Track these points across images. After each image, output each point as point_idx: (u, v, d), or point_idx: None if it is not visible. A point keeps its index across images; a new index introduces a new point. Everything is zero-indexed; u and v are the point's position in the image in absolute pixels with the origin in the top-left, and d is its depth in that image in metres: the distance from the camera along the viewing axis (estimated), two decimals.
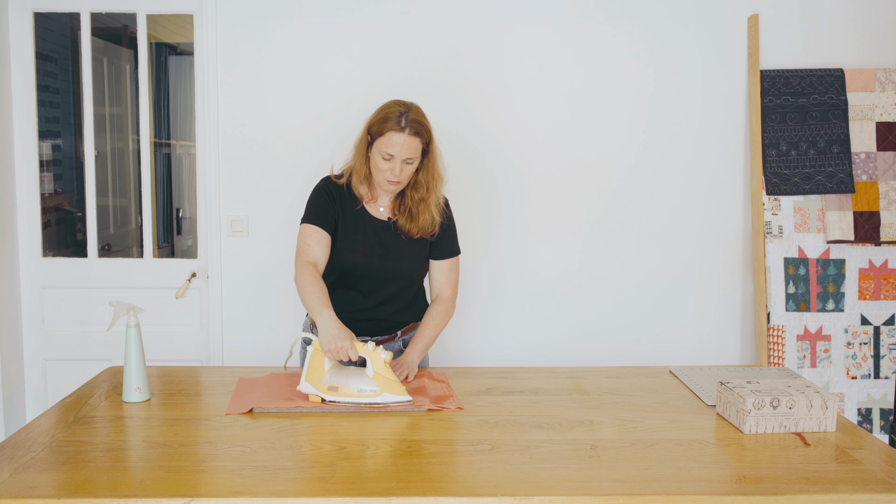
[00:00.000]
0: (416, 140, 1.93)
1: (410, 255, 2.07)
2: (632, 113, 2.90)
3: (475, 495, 1.34)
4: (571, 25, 2.86)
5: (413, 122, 1.93)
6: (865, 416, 2.88)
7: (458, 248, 2.16)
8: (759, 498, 1.34)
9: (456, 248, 2.15)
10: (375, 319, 2.10)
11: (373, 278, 2.05)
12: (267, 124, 2.86)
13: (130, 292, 2.97)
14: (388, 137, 1.92)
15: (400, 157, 1.93)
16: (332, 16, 2.82)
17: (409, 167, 1.97)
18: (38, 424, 1.67)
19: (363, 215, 2.06)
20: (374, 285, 2.06)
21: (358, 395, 1.78)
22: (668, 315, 2.98)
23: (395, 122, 1.92)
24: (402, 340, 2.16)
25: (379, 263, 2.04)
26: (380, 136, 1.94)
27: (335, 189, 2.06)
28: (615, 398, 1.90)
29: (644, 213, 2.94)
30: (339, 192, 2.05)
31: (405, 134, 1.92)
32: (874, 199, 2.85)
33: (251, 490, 1.34)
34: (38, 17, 2.95)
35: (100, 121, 3.58)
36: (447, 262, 2.13)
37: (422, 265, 2.11)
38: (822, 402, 1.66)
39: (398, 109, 1.94)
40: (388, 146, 1.92)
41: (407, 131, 1.92)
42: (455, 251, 2.15)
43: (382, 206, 2.08)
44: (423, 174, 2.02)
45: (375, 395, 1.77)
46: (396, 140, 1.91)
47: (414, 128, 1.93)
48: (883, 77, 2.87)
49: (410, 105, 1.97)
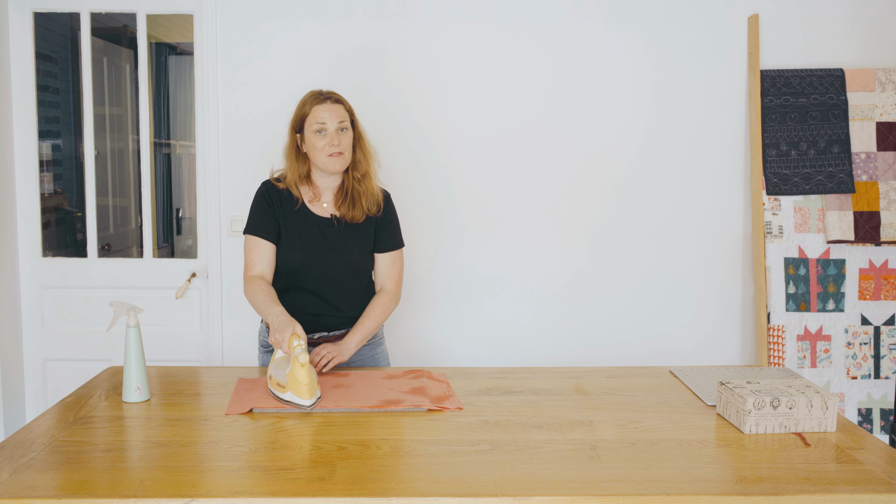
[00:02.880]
0: (339, 106, 2.04)
1: (355, 249, 2.11)
2: (632, 113, 2.90)
3: (475, 495, 1.34)
4: (571, 25, 2.86)
5: (331, 94, 2.06)
6: (866, 416, 2.88)
7: (402, 241, 2.22)
8: (759, 498, 1.34)
9: (399, 241, 2.21)
10: (330, 315, 2.13)
11: (320, 276, 2.09)
12: (267, 123, 2.85)
13: (130, 292, 2.97)
14: (315, 112, 2.01)
15: (332, 125, 2.01)
16: (332, 16, 2.82)
17: (346, 135, 2.04)
18: (38, 424, 1.67)
19: (306, 215, 2.09)
20: (323, 283, 2.09)
21: (276, 387, 1.81)
22: (669, 315, 2.98)
23: (315, 97, 2.04)
24: None
25: (325, 260, 2.07)
26: (305, 118, 2.04)
27: (275, 193, 2.10)
28: (615, 398, 1.89)
29: (644, 213, 2.94)
30: (279, 195, 2.10)
31: (328, 103, 2.02)
32: (874, 199, 2.85)
33: (251, 490, 1.34)
34: (38, 17, 2.96)
35: (100, 121, 3.59)
36: (390, 255, 2.18)
37: (367, 258, 2.15)
38: (823, 403, 1.66)
39: (313, 92, 2.07)
40: (317, 117, 2.01)
41: (329, 101, 2.03)
42: (398, 244, 2.20)
43: (326, 202, 2.12)
44: (359, 151, 2.10)
45: (283, 392, 1.79)
46: (323, 109, 2.01)
47: (333, 97, 2.05)
48: (883, 77, 2.87)
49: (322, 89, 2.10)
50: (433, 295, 2.96)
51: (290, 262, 2.08)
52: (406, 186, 2.87)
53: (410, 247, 2.91)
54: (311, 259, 2.07)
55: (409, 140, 2.88)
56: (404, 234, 2.28)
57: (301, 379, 1.75)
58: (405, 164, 2.88)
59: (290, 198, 2.09)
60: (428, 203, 2.92)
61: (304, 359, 1.74)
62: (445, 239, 2.94)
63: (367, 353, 2.20)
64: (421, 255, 2.93)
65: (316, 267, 2.07)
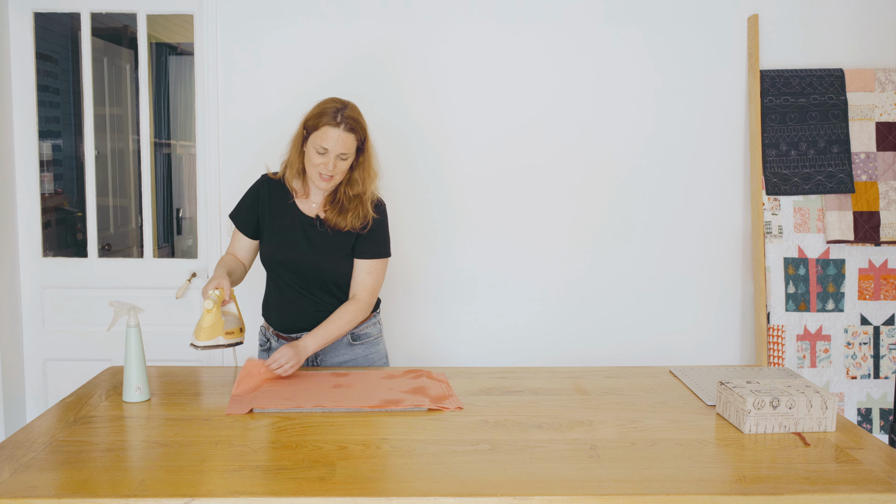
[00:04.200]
0: (350, 136, 1.97)
1: (332, 251, 2.09)
2: (632, 114, 2.90)
3: (475, 495, 1.34)
4: (572, 26, 2.86)
5: (348, 119, 1.97)
6: (865, 416, 2.88)
7: (386, 251, 2.15)
8: (759, 498, 1.34)
9: (381, 251, 2.13)
10: (322, 312, 2.11)
11: (297, 272, 2.10)
12: (267, 124, 2.86)
13: (130, 292, 2.97)
14: (324, 132, 1.96)
15: (334, 153, 1.97)
16: (332, 16, 2.82)
17: (343, 163, 2.01)
18: (39, 424, 1.67)
19: (293, 210, 2.11)
20: (303, 280, 2.11)
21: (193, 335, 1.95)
22: (668, 315, 2.98)
23: (331, 117, 1.96)
24: (352, 334, 2.18)
25: (300, 256, 2.08)
26: (315, 130, 1.98)
27: (265, 186, 2.14)
28: (615, 398, 1.90)
29: (645, 213, 2.94)
30: (270, 188, 2.13)
31: (340, 129, 1.96)
32: (874, 199, 2.85)
33: (251, 490, 1.35)
34: (39, 17, 2.96)
35: (100, 121, 3.59)
36: (367, 263, 2.11)
37: (343, 261, 2.11)
38: (822, 402, 1.66)
39: (335, 106, 1.99)
40: (323, 140, 1.96)
41: (342, 127, 1.96)
42: (379, 253, 2.12)
43: (315, 203, 2.12)
44: (359, 171, 2.06)
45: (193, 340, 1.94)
46: (331, 135, 1.95)
47: (349, 124, 1.97)
48: (883, 77, 2.87)
49: (347, 103, 2.02)
50: (434, 295, 2.96)
51: (267, 254, 2.12)
52: (407, 187, 2.87)
53: (412, 247, 2.91)
54: (287, 253, 2.09)
55: (408, 141, 2.88)
56: (406, 234, 2.28)
57: (203, 323, 1.90)
58: (405, 166, 2.88)
59: (284, 190, 2.12)
60: (428, 204, 2.92)
61: (209, 304, 1.89)
62: (446, 239, 2.94)
63: (360, 352, 2.20)
64: (422, 255, 2.93)
65: (294, 262, 2.09)
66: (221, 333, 1.92)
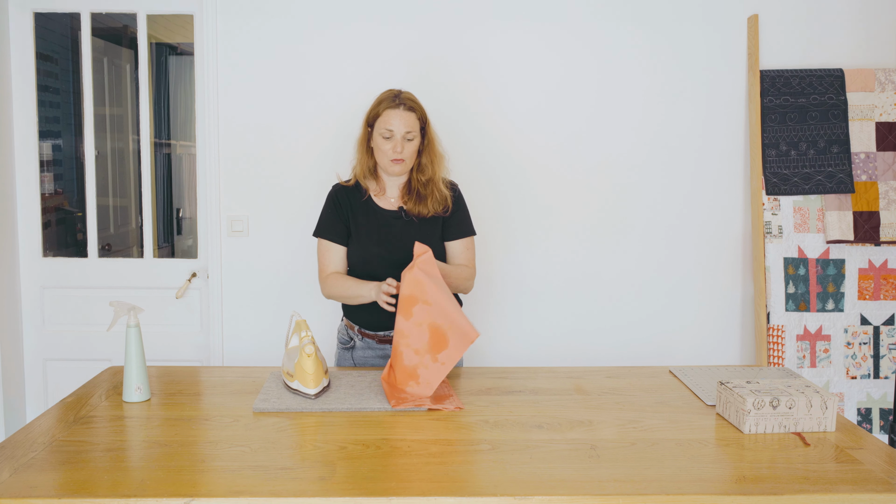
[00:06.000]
0: (411, 115, 2.07)
1: (425, 236, 2.12)
2: (633, 115, 2.90)
3: (475, 495, 1.34)
4: (574, 26, 2.86)
5: (406, 100, 2.09)
6: (865, 416, 2.88)
7: (472, 229, 2.23)
8: (759, 498, 1.34)
9: (469, 228, 2.22)
10: None
11: (390, 266, 2.10)
12: (267, 124, 2.86)
13: (130, 292, 2.97)
14: (386, 116, 2.06)
15: (399, 133, 2.05)
16: (332, 16, 2.83)
17: (411, 144, 2.08)
18: (39, 424, 1.67)
19: (373, 208, 2.15)
20: (394, 273, 2.09)
21: (286, 376, 1.89)
22: (668, 315, 2.98)
23: (390, 101, 2.08)
24: None
25: (395, 252, 2.10)
26: (377, 118, 2.08)
27: (342, 193, 2.17)
28: (615, 398, 1.90)
29: (645, 212, 2.94)
30: (347, 193, 2.17)
31: (400, 110, 2.06)
32: (874, 199, 2.85)
33: (251, 490, 1.35)
34: (39, 17, 2.96)
35: (100, 121, 3.59)
36: (462, 242, 2.20)
37: (437, 246, 2.15)
38: (822, 402, 1.66)
39: (391, 93, 2.11)
40: (387, 122, 2.05)
41: (402, 107, 2.06)
42: (468, 231, 2.21)
43: (392, 197, 2.17)
44: (426, 155, 2.15)
45: (291, 381, 1.86)
46: (394, 116, 2.05)
47: (408, 104, 2.08)
48: (883, 77, 2.87)
49: (402, 90, 2.13)
50: None
51: (361, 255, 2.13)
52: None
53: None
54: (381, 251, 2.11)
55: None
56: None
57: (307, 368, 1.81)
58: None
59: (358, 191, 2.16)
60: None
61: (310, 350, 1.81)
62: None
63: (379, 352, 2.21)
64: None
65: (386, 259, 2.10)
66: (324, 374, 1.86)
